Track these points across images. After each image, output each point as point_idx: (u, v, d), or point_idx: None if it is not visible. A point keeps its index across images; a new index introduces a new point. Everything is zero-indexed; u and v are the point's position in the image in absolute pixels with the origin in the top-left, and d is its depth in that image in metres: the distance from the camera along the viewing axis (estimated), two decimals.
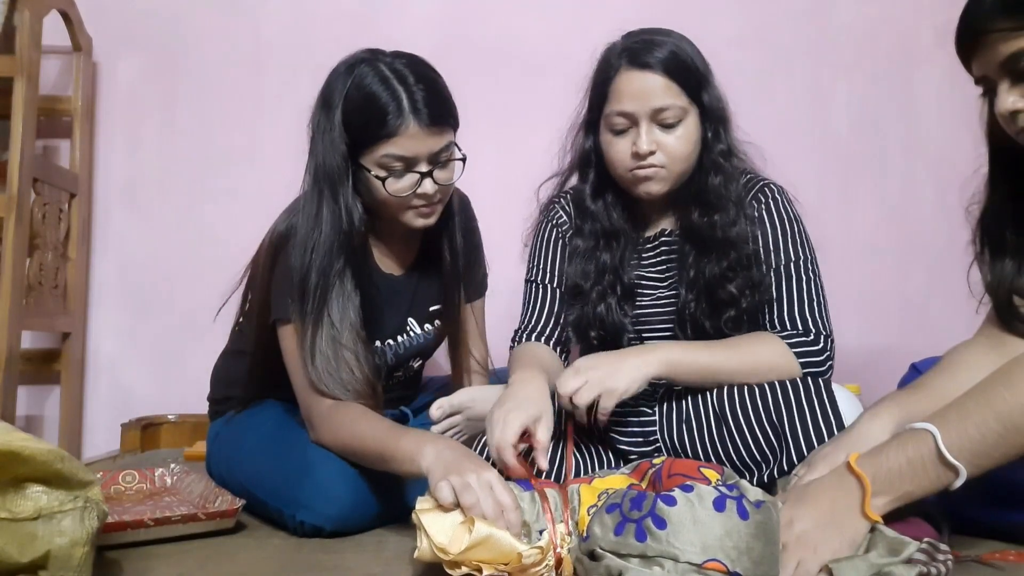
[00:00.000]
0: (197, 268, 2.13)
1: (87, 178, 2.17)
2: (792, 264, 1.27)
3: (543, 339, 1.35)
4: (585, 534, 0.84)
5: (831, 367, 1.23)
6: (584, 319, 1.33)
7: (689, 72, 1.24)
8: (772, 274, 1.27)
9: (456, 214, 1.38)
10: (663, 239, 1.36)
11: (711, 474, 0.92)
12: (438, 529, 0.88)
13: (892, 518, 0.86)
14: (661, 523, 0.76)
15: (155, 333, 2.17)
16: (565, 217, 1.40)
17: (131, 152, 2.22)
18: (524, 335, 1.36)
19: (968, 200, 1.07)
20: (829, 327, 1.25)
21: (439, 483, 0.93)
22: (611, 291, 1.32)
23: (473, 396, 1.33)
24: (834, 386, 1.20)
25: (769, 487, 1.13)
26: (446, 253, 1.38)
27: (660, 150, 1.24)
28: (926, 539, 0.83)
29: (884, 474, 0.85)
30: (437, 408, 1.28)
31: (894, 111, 2.22)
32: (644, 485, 0.99)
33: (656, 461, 1.02)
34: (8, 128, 1.84)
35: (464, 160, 1.27)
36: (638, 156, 1.24)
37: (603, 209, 1.35)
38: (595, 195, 1.36)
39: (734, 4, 2.23)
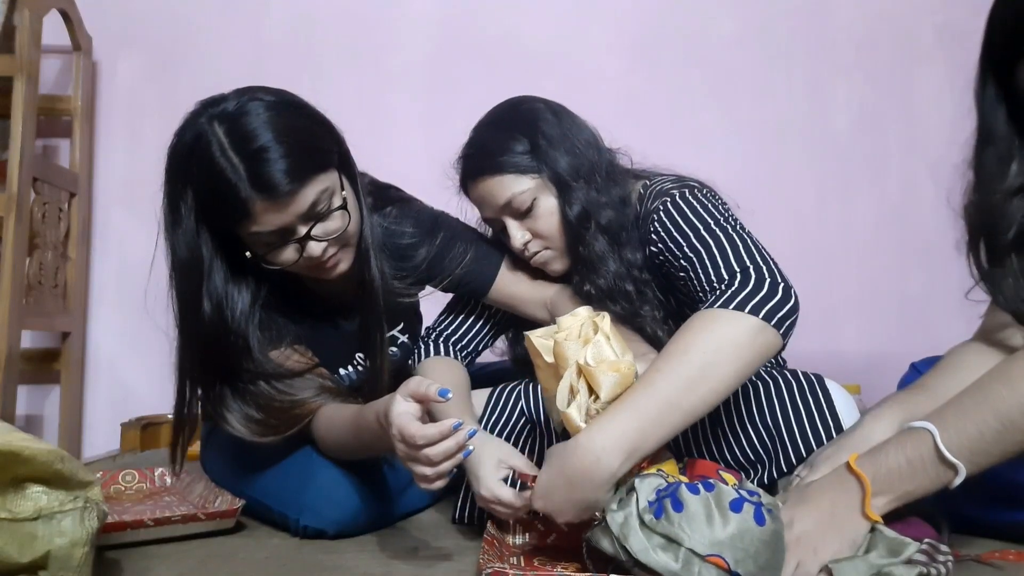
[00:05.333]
0: None
1: (87, 178, 2.17)
2: (695, 233, 1.09)
3: (452, 344, 1.33)
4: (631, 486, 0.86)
5: (788, 296, 0.96)
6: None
7: (515, 155, 1.19)
8: (683, 261, 1.10)
9: (371, 248, 1.18)
10: None
11: (729, 478, 0.92)
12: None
13: (892, 518, 0.86)
14: (678, 505, 0.80)
15: (155, 333, 2.16)
16: None
17: (131, 152, 2.22)
18: (436, 336, 1.34)
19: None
20: (765, 260, 1.02)
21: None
22: None
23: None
24: (831, 385, 1.20)
25: (769, 488, 1.13)
26: (364, 292, 1.21)
27: (535, 236, 1.22)
28: (926, 539, 0.83)
29: (884, 474, 0.85)
30: None
31: (894, 111, 2.22)
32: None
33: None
34: (8, 128, 1.85)
35: (346, 207, 1.10)
36: (519, 250, 1.24)
37: None
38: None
39: (734, 4, 2.23)
